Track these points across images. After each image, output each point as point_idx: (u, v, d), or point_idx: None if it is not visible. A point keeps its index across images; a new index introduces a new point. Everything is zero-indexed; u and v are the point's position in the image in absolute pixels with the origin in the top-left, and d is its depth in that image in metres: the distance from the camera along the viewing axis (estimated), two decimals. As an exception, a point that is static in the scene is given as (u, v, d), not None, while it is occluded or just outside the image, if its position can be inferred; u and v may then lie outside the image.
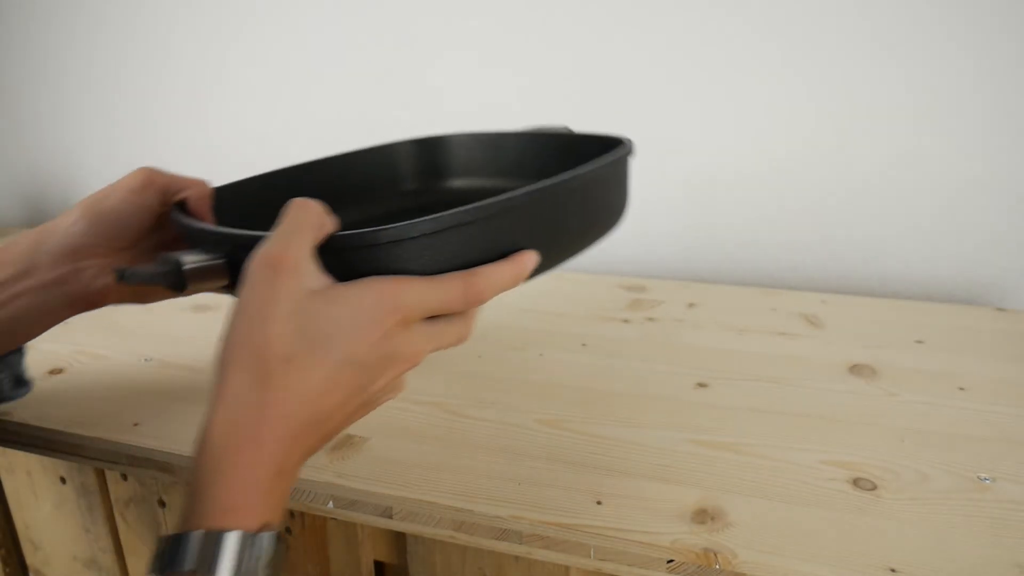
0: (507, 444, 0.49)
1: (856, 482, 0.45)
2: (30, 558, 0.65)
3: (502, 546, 0.42)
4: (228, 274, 0.39)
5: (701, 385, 0.57)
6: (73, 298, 0.45)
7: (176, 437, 0.50)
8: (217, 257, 0.39)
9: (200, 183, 0.48)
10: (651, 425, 0.51)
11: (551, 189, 0.39)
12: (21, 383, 0.48)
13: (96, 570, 0.61)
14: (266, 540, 0.30)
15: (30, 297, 0.44)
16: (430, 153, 0.62)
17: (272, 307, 0.31)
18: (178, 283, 0.38)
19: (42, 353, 0.64)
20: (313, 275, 0.33)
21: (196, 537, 0.29)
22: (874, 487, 0.44)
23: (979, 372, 0.59)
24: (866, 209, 0.81)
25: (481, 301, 0.36)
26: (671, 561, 0.39)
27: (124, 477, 0.56)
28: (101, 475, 0.58)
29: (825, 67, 0.77)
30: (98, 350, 0.64)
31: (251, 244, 0.35)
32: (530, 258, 0.38)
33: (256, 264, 0.33)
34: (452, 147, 0.62)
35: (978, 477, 0.45)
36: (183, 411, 0.54)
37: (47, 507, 0.61)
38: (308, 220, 0.33)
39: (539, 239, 0.40)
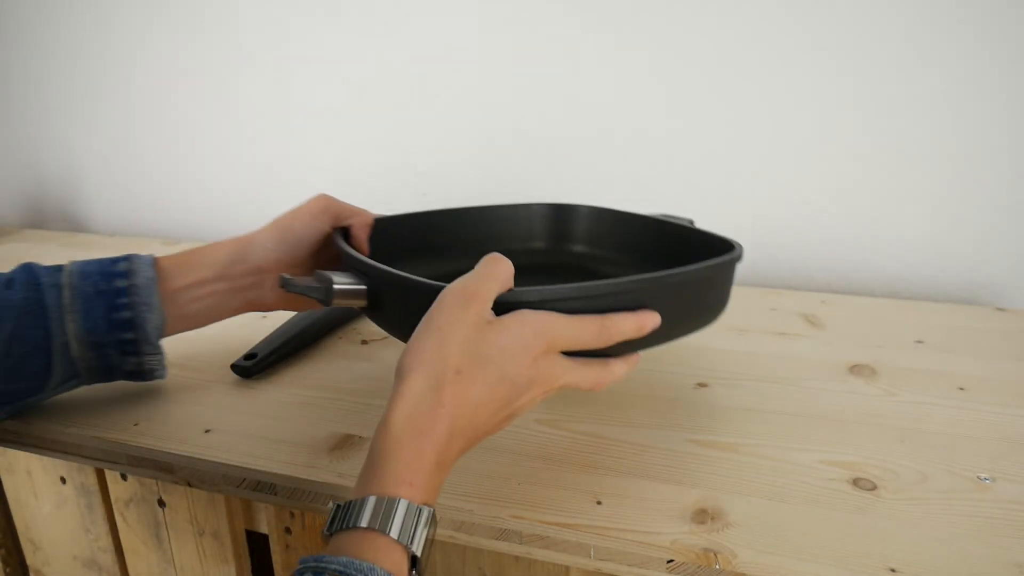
0: (507, 444, 0.49)
1: (856, 482, 0.45)
2: (30, 558, 0.65)
3: (502, 546, 0.42)
4: (367, 298, 0.48)
5: (701, 385, 0.57)
6: (251, 302, 0.55)
7: (176, 437, 0.50)
8: (361, 283, 0.47)
9: (365, 213, 0.57)
10: (651, 425, 0.51)
11: (674, 278, 0.46)
12: (164, 365, 0.53)
13: (96, 570, 0.61)
14: (426, 513, 0.34)
15: (220, 296, 0.53)
16: (561, 218, 0.69)
17: (457, 329, 0.38)
18: (327, 299, 0.47)
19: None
20: (490, 312, 0.40)
21: (372, 501, 0.34)
22: (874, 487, 0.44)
23: (979, 372, 0.59)
24: (866, 209, 0.81)
25: (610, 340, 0.42)
26: (671, 561, 0.39)
27: (124, 477, 0.57)
28: (101, 475, 0.58)
29: (825, 67, 0.77)
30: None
31: (390, 278, 0.45)
32: (652, 317, 0.44)
33: (453, 292, 0.40)
34: (582, 216, 0.69)
35: (978, 477, 0.45)
36: (183, 411, 0.54)
37: (47, 507, 0.61)
38: (500, 273, 0.41)
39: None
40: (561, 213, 0.70)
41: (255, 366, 0.59)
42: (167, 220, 1.13)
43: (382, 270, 0.46)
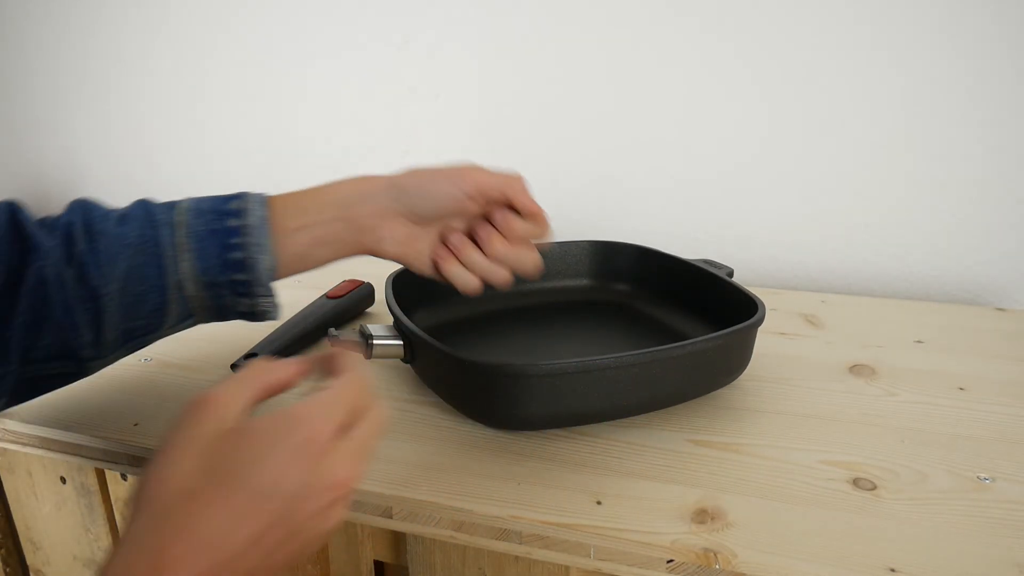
0: (507, 444, 0.49)
1: (856, 482, 0.45)
2: (30, 558, 0.65)
3: (502, 546, 0.42)
4: (405, 351, 0.53)
5: (701, 385, 0.57)
6: (367, 247, 0.51)
7: (176, 437, 0.50)
8: (399, 338, 0.53)
9: (514, 181, 0.50)
10: (651, 425, 0.51)
11: (682, 350, 0.49)
12: (279, 305, 0.51)
13: (96, 570, 0.61)
14: None
15: (337, 238, 0.50)
16: (607, 256, 0.72)
17: (184, 445, 0.30)
18: (367, 353, 0.52)
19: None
20: (236, 418, 0.31)
21: None
22: (874, 487, 0.44)
23: (979, 372, 0.59)
24: (866, 209, 0.81)
25: (367, 401, 0.34)
26: (671, 561, 0.39)
27: (124, 477, 0.57)
28: (101, 475, 0.58)
29: (825, 68, 0.77)
30: (98, 350, 0.64)
31: (421, 341, 0.50)
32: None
33: (187, 403, 0.32)
34: (626, 255, 0.72)
35: (978, 477, 0.45)
36: (183, 411, 0.54)
37: (47, 507, 0.61)
38: (253, 374, 0.33)
39: (675, 377, 0.50)
40: (606, 251, 0.72)
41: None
42: (167, 220, 1.13)
43: (411, 330, 0.51)
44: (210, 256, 0.47)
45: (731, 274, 0.64)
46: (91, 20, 1.05)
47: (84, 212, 0.48)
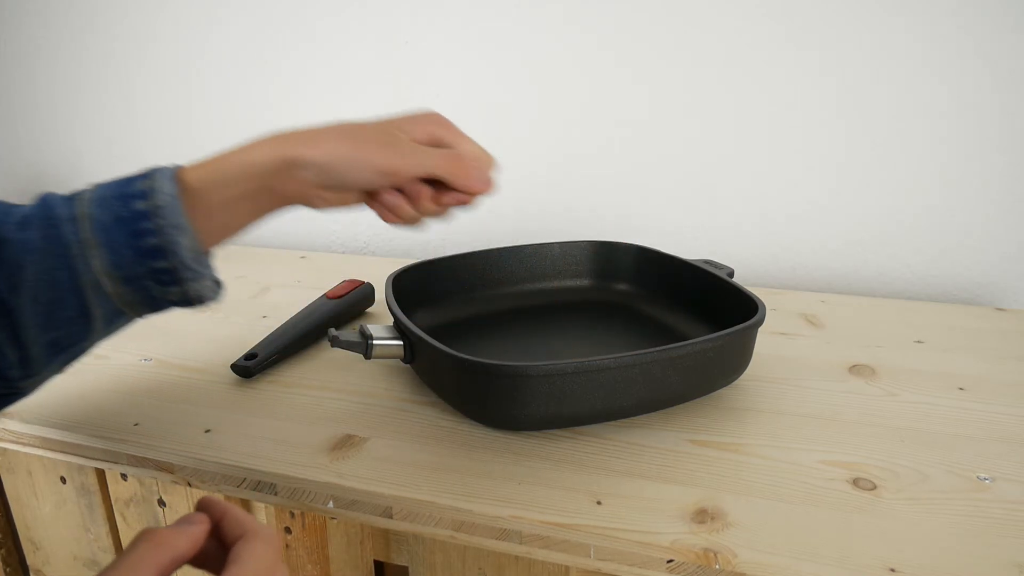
0: (507, 444, 0.49)
1: (856, 482, 0.45)
2: (30, 558, 0.65)
3: (502, 546, 0.42)
4: (405, 351, 0.54)
5: (701, 385, 0.57)
6: (296, 205, 0.47)
7: (176, 437, 0.50)
8: (399, 339, 0.54)
9: (457, 167, 0.48)
10: (651, 425, 0.51)
11: (695, 346, 0.49)
12: (219, 283, 0.47)
13: (96, 570, 0.61)
14: None
15: (262, 205, 0.46)
16: (607, 256, 0.73)
17: None
18: (367, 353, 0.53)
19: (42, 353, 0.64)
20: None
21: None
22: (874, 487, 0.44)
23: (979, 372, 0.59)
24: (866, 209, 0.81)
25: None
26: (671, 561, 0.39)
27: (124, 477, 0.57)
28: (101, 475, 0.58)
29: (825, 68, 0.77)
30: (98, 350, 0.64)
31: (421, 342, 0.50)
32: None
33: None
34: (627, 255, 0.72)
35: (978, 477, 0.45)
36: (183, 411, 0.54)
37: (47, 507, 0.61)
38: (145, 554, 0.32)
39: (678, 379, 0.50)
40: (606, 251, 0.72)
41: (255, 366, 0.59)
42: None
43: (413, 331, 0.51)
44: (120, 247, 0.41)
45: (731, 274, 0.64)
46: (90, 24, 1.05)
47: None
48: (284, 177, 0.45)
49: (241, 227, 0.46)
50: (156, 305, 0.45)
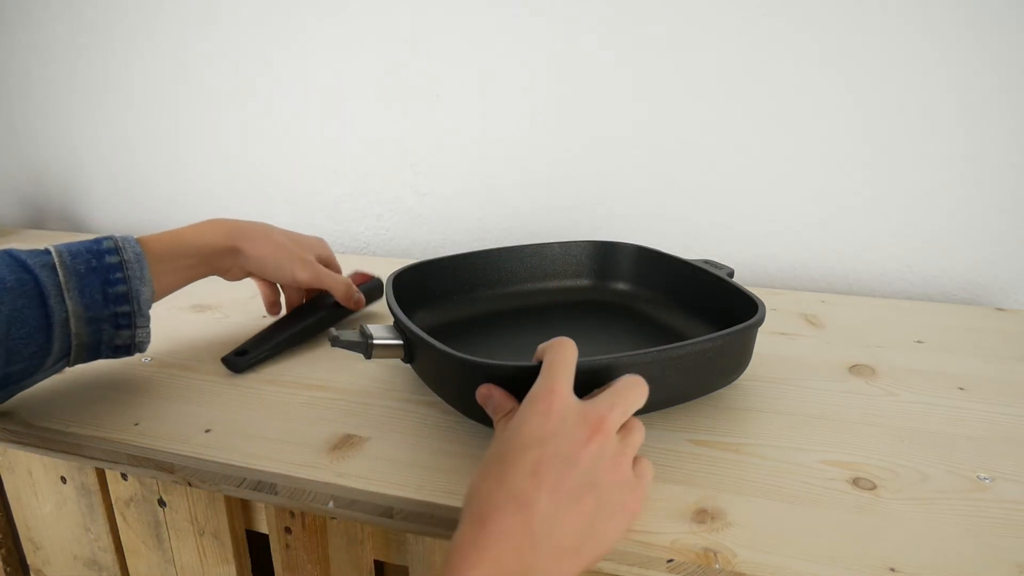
0: (507, 444, 0.49)
1: (856, 482, 0.45)
2: (30, 558, 0.65)
3: (502, 546, 0.42)
4: (405, 351, 0.54)
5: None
6: (216, 273, 0.61)
7: (176, 437, 0.50)
8: (399, 338, 0.53)
9: (346, 293, 0.67)
10: (651, 425, 0.51)
11: (695, 346, 0.49)
12: (150, 335, 0.55)
13: (96, 570, 0.61)
14: None
15: (201, 274, 0.59)
16: (607, 255, 0.73)
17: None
18: (367, 353, 0.53)
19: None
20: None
21: None
22: (874, 487, 0.44)
23: (979, 372, 0.59)
24: (866, 210, 0.81)
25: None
26: (671, 561, 0.39)
27: (124, 477, 0.57)
28: (101, 475, 0.58)
29: (826, 69, 0.77)
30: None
31: (421, 342, 0.50)
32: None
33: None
34: (626, 255, 0.72)
35: (978, 477, 0.45)
36: (183, 411, 0.54)
37: (47, 507, 0.61)
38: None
39: (683, 378, 0.50)
40: (606, 251, 0.73)
41: (246, 362, 0.59)
42: (168, 220, 1.13)
43: (414, 332, 0.51)
44: (94, 291, 0.50)
45: (731, 274, 0.64)
46: (89, 25, 1.05)
47: None
48: (227, 260, 0.60)
49: (177, 288, 0.58)
50: (97, 350, 0.53)
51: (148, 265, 0.53)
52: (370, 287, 0.72)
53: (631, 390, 0.41)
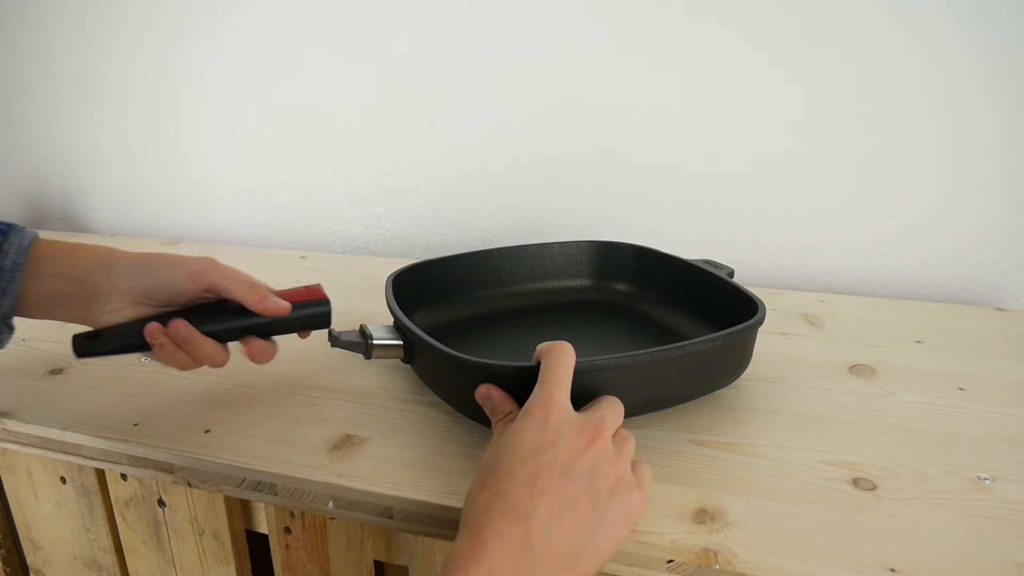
0: (507, 444, 0.49)
1: (856, 482, 0.45)
2: (30, 558, 0.65)
3: (502, 546, 0.42)
4: (405, 351, 0.54)
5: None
6: (82, 318, 0.51)
7: (176, 437, 0.50)
8: (399, 339, 0.53)
9: (244, 287, 0.51)
10: (651, 425, 0.51)
11: (695, 346, 0.49)
12: (11, 328, 0.51)
13: (96, 570, 0.61)
14: None
15: (66, 298, 0.50)
16: (607, 255, 0.73)
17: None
18: (367, 353, 0.53)
19: (42, 353, 0.64)
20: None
21: None
22: (874, 487, 0.44)
23: (979, 372, 0.59)
24: (865, 210, 0.81)
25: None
26: (671, 561, 0.39)
27: (124, 477, 0.57)
28: (101, 475, 0.58)
29: (826, 69, 0.77)
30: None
31: (421, 342, 0.50)
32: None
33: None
34: (627, 255, 0.72)
35: (978, 477, 0.45)
36: (183, 411, 0.54)
37: (47, 507, 0.61)
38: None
39: (682, 378, 0.50)
40: (606, 251, 0.73)
41: (95, 347, 0.51)
42: (167, 220, 1.13)
43: (416, 333, 0.51)
44: None
45: (731, 274, 0.64)
46: (89, 26, 1.06)
47: None
48: (100, 272, 0.50)
49: (44, 310, 0.51)
50: None
51: (22, 278, 0.48)
52: (315, 312, 0.53)
53: (615, 405, 0.43)
